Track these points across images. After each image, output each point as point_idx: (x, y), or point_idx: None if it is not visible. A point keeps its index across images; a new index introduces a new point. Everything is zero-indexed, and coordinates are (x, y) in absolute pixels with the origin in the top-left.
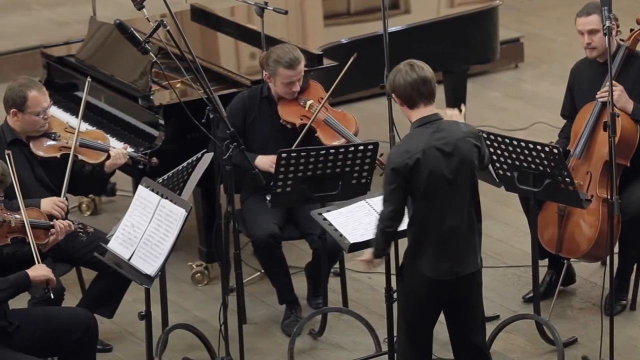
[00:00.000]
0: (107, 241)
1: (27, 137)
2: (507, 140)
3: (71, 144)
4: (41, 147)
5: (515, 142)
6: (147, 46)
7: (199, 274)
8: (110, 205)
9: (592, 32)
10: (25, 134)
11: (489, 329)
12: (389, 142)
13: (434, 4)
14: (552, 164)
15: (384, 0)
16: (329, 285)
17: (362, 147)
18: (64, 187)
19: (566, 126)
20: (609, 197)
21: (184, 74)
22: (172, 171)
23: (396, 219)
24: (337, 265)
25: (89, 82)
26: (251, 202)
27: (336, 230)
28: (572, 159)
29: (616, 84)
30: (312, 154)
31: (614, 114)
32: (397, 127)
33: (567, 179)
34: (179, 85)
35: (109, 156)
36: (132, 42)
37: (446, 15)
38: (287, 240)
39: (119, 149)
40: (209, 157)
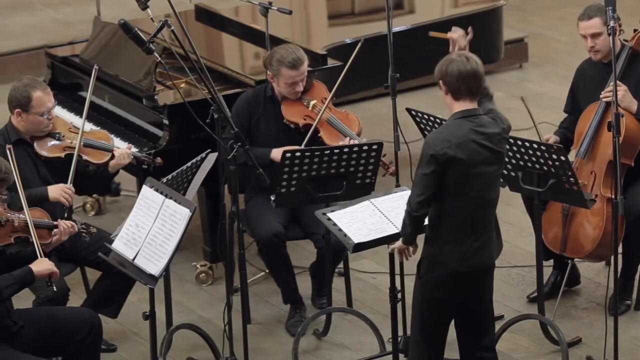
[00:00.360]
0: (111, 241)
1: (31, 137)
2: (512, 140)
3: (75, 144)
4: (45, 147)
5: (519, 142)
6: (152, 46)
7: (203, 274)
8: (114, 205)
9: (594, 35)
10: (29, 134)
11: None
12: (393, 142)
13: (438, 4)
14: (557, 164)
15: (388, 0)
16: (333, 285)
17: (366, 147)
18: (68, 182)
19: (567, 119)
20: (613, 196)
21: (188, 74)
22: (177, 171)
23: (424, 205)
24: (341, 265)
25: (95, 69)
26: (255, 202)
27: (340, 230)
28: (577, 158)
29: (620, 84)
30: (317, 154)
31: (618, 114)
32: (401, 128)
33: (571, 179)
34: (183, 85)
35: (113, 156)
36: (136, 42)
37: (450, 15)
38: (291, 240)
39: (123, 149)
40: (213, 157)
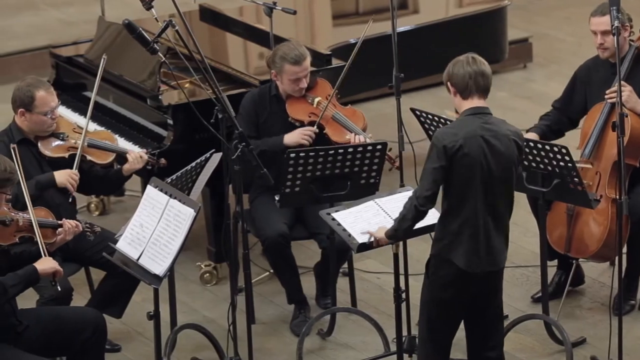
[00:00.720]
0: (115, 241)
1: (36, 136)
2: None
3: (79, 144)
4: (49, 147)
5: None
6: (156, 46)
7: (208, 274)
8: (119, 205)
9: (605, 32)
10: (33, 134)
11: None
12: (398, 142)
13: (442, 4)
14: (561, 164)
15: (393, 0)
16: (337, 285)
17: (370, 147)
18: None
19: (551, 113)
20: (617, 196)
21: (193, 74)
22: (181, 171)
23: (431, 200)
24: (345, 265)
25: (104, 59)
26: (260, 202)
27: (345, 230)
28: (582, 159)
29: (626, 85)
30: (321, 154)
31: (622, 114)
32: (406, 128)
33: (575, 179)
34: (187, 85)
35: (117, 157)
36: (140, 42)
37: (455, 15)
38: (295, 240)
39: (136, 153)
40: (217, 157)
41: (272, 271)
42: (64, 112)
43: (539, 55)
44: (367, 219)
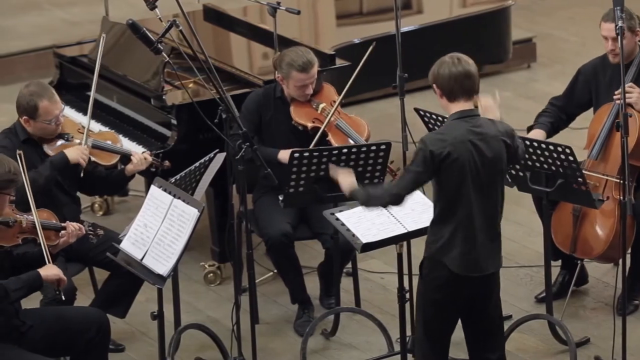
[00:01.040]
0: (119, 241)
1: (40, 137)
2: (520, 140)
3: (83, 144)
4: (54, 148)
5: (527, 142)
6: (160, 46)
7: (212, 274)
8: (122, 205)
9: (616, 38)
10: (37, 136)
11: None
12: (402, 143)
13: (446, 4)
14: (565, 164)
15: (397, 0)
16: (341, 285)
17: (374, 147)
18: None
19: (549, 110)
20: (621, 197)
21: (197, 74)
22: (185, 171)
23: (397, 204)
24: (349, 265)
25: (103, 37)
26: (263, 202)
27: (349, 230)
28: (589, 160)
29: (634, 86)
30: (325, 154)
31: (626, 113)
32: (410, 128)
33: (579, 179)
34: (191, 85)
35: (121, 158)
36: (144, 42)
37: (459, 15)
38: (299, 240)
39: (141, 155)
40: (221, 157)
41: (275, 271)
42: (68, 112)
43: (542, 55)
44: (370, 219)
